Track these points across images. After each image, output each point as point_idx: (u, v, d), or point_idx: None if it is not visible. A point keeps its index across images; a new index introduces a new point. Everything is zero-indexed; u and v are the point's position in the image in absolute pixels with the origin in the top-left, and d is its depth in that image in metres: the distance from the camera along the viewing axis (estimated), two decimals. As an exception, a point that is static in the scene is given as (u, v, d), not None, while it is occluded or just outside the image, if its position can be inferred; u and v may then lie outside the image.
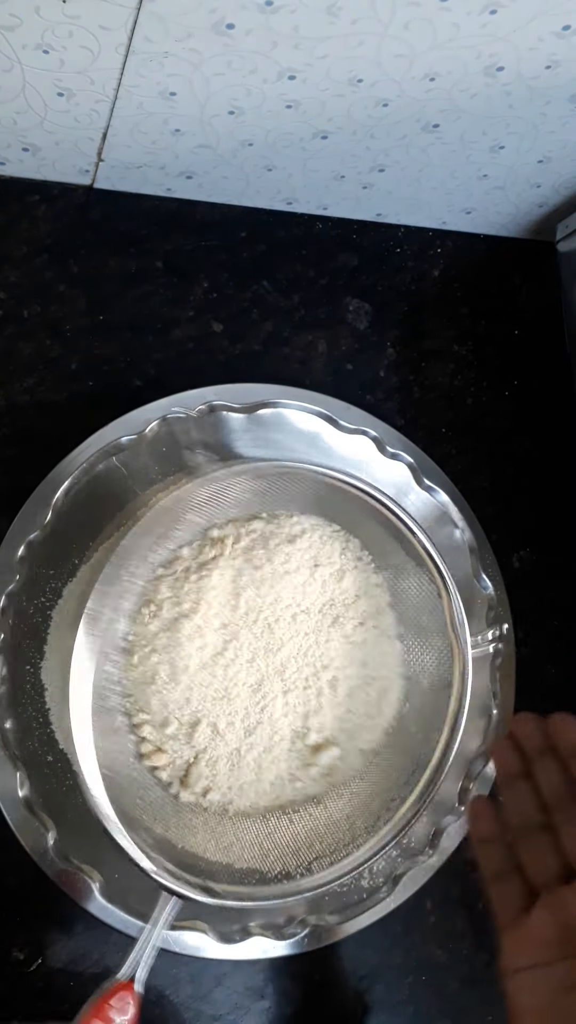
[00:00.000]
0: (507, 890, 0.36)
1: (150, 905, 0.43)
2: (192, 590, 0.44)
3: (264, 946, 0.45)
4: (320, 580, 0.46)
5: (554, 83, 0.44)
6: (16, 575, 0.45)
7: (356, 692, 0.46)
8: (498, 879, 0.36)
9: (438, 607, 0.42)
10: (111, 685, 0.43)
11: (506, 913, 0.35)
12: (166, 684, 0.43)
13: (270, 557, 0.45)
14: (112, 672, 0.43)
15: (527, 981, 0.33)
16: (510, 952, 0.34)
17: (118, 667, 0.43)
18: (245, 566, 0.45)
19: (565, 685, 0.55)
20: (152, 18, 0.39)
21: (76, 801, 0.44)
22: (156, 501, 0.40)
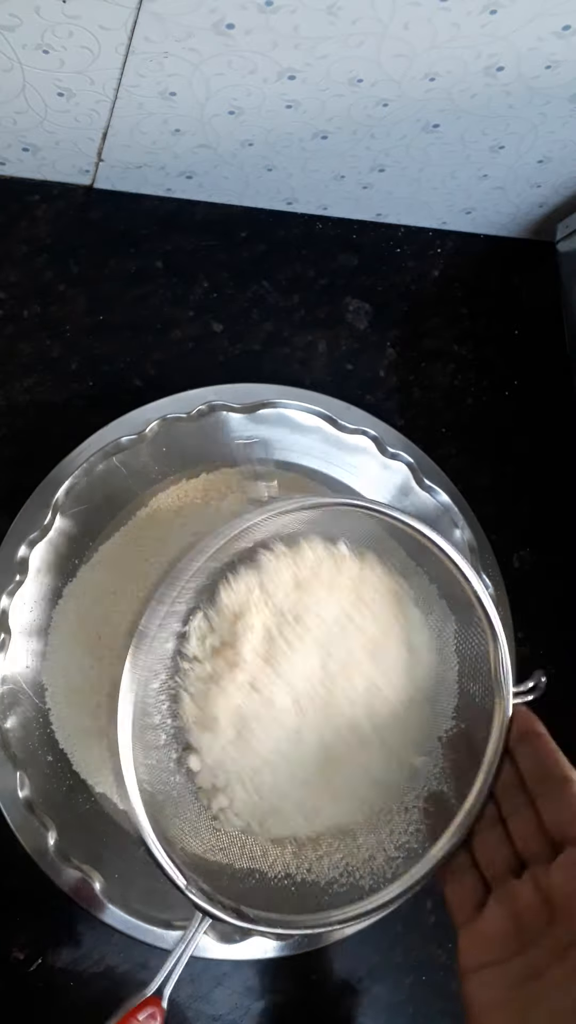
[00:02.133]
0: (460, 887, 0.36)
1: (150, 905, 0.44)
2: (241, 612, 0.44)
3: (264, 946, 0.45)
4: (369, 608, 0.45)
5: (554, 83, 0.44)
6: (16, 575, 0.45)
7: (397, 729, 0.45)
8: (452, 876, 0.36)
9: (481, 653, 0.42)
10: (157, 703, 0.43)
11: (460, 910, 0.35)
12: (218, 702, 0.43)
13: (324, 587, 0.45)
14: (158, 690, 0.43)
15: (484, 979, 0.33)
16: (466, 950, 0.34)
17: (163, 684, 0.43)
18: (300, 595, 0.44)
19: (565, 685, 0.55)
20: (152, 18, 0.39)
21: (76, 801, 0.44)
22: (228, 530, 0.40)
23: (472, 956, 0.33)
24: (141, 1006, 0.37)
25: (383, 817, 0.44)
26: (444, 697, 0.44)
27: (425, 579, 0.45)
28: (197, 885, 0.37)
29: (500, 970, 0.32)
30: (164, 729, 0.43)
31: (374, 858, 0.42)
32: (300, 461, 0.50)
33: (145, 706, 0.42)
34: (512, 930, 0.33)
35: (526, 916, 0.33)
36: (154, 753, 0.42)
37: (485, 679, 0.41)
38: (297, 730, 0.43)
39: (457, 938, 0.35)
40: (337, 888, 0.43)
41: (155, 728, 0.43)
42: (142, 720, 0.41)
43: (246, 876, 0.42)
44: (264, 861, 0.43)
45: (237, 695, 0.43)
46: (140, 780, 0.38)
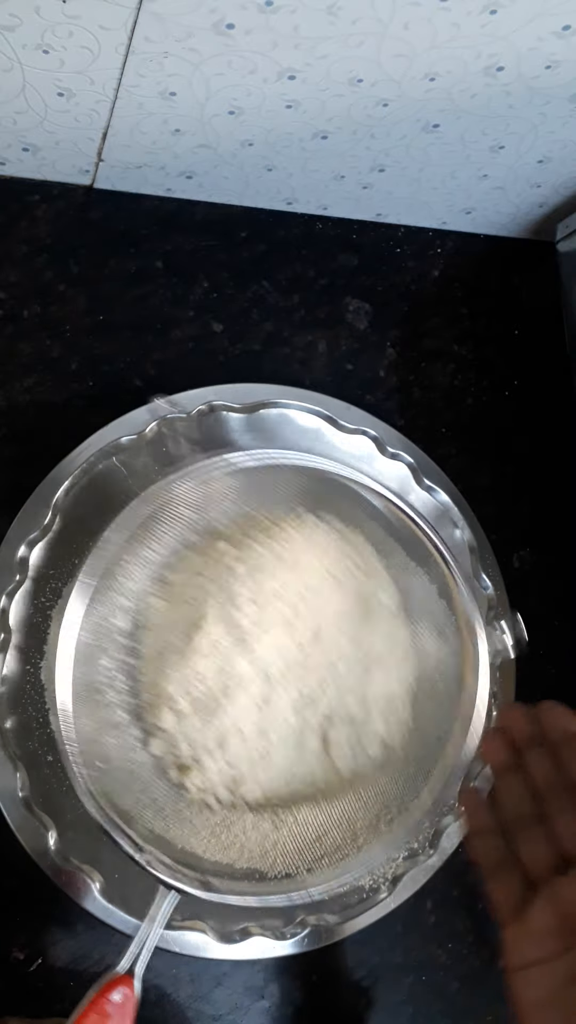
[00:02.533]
0: (505, 885, 0.35)
1: (150, 905, 0.43)
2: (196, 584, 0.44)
3: (264, 946, 0.45)
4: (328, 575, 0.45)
5: (554, 83, 0.44)
6: (16, 575, 0.45)
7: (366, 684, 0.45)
8: (495, 874, 0.36)
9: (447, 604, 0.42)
10: (111, 680, 0.42)
11: (506, 909, 0.35)
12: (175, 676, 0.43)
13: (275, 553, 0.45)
14: (110, 666, 0.43)
15: (531, 977, 0.32)
16: (512, 949, 0.34)
17: (118, 661, 0.43)
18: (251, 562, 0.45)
19: (565, 685, 0.55)
20: (152, 18, 0.39)
21: (76, 801, 0.44)
22: (144, 495, 0.40)
23: (518, 954, 0.33)
24: (112, 985, 0.36)
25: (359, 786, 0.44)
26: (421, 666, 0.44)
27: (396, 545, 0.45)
28: (158, 859, 0.37)
29: (547, 968, 0.32)
30: (122, 707, 0.43)
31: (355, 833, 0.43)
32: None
33: (94, 683, 0.41)
34: (559, 928, 0.33)
35: (573, 915, 0.33)
36: (112, 731, 0.42)
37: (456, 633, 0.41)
38: (264, 698, 0.43)
39: (502, 936, 0.34)
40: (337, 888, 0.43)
41: (111, 706, 0.42)
42: (94, 698, 0.41)
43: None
44: (264, 861, 0.43)
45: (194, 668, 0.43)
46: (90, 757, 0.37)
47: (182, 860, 0.40)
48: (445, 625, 0.43)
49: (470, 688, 0.39)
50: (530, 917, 0.34)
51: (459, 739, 0.39)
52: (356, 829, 0.43)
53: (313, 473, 0.42)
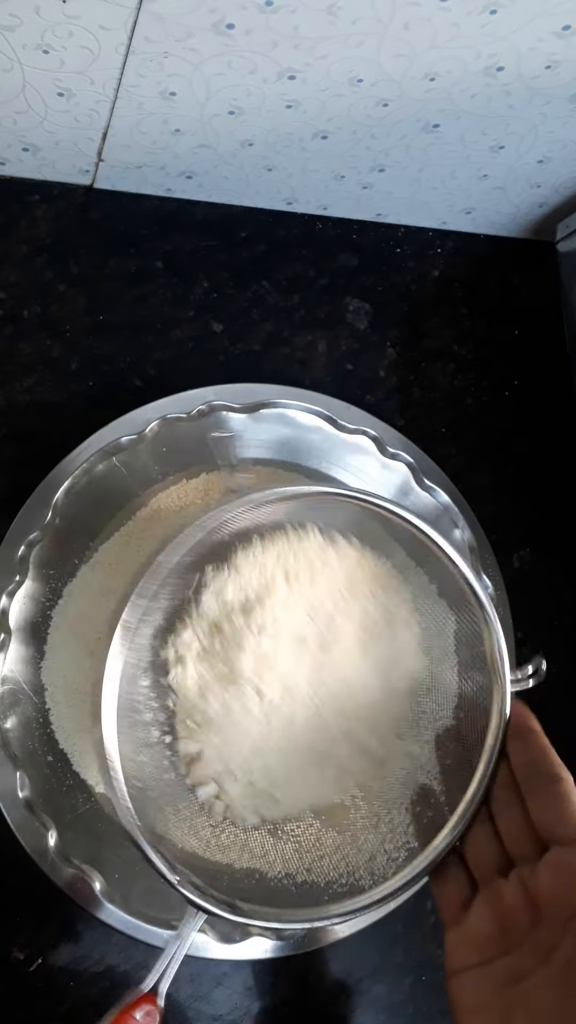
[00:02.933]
0: (449, 886, 0.35)
1: (150, 905, 0.44)
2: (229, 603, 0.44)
3: (264, 946, 0.45)
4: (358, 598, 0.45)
5: (554, 83, 0.44)
6: (16, 575, 0.45)
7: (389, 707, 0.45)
8: (440, 875, 0.36)
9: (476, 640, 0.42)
10: (146, 700, 0.43)
11: (448, 911, 0.35)
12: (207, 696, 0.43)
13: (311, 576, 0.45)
14: (147, 686, 0.43)
15: (469, 981, 0.32)
16: (451, 952, 0.33)
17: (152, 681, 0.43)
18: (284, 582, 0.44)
19: (565, 685, 0.55)
20: (152, 18, 0.39)
21: (76, 801, 0.44)
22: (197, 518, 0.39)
23: (458, 957, 0.33)
24: (137, 1003, 0.36)
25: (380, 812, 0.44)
26: (442, 695, 0.44)
27: (425, 578, 0.46)
28: (189, 880, 0.37)
29: (485, 972, 0.32)
30: (156, 726, 0.43)
31: (374, 858, 0.42)
32: (300, 461, 0.50)
33: (133, 703, 0.41)
34: (497, 931, 0.33)
35: (511, 917, 0.32)
36: (146, 751, 0.42)
37: (483, 671, 0.41)
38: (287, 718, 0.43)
39: (445, 938, 0.34)
40: (337, 888, 0.43)
41: (146, 725, 0.42)
42: (131, 716, 0.41)
43: (246, 876, 0.42)
44: (264, 860, 0.43)
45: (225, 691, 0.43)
46: (128, 776, 0.37)
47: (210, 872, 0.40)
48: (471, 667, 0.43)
49: (494, 729, 0.39)
50: (470, 920, 0.33)
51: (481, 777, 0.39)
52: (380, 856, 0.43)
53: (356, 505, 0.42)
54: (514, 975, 0.31)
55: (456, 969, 0.33)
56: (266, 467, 0.49)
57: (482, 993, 0.32)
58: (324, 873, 0.42)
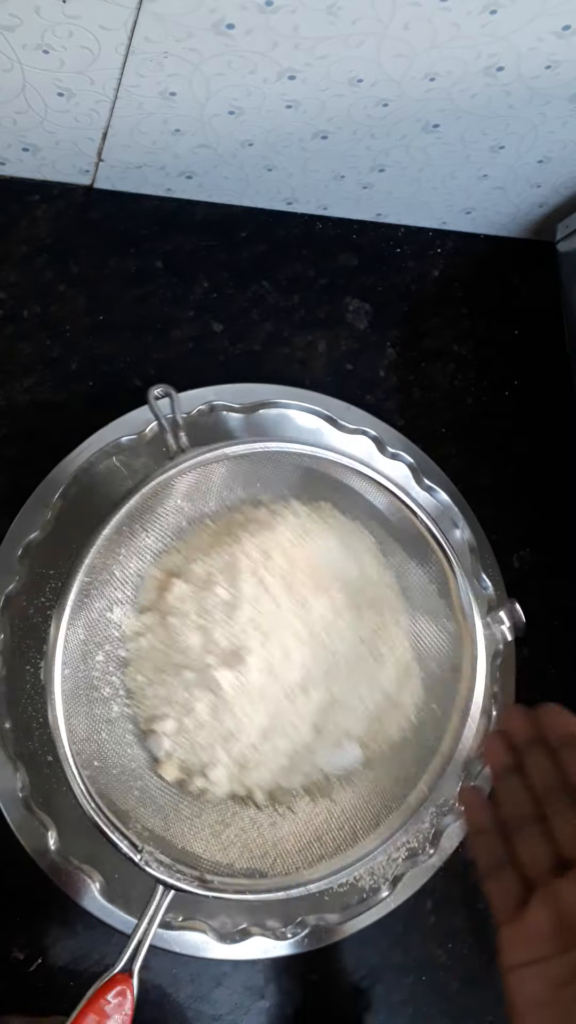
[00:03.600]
0: (503, 885, 0.36)
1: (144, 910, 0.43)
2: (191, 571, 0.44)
3: (264, 946, 0.45)
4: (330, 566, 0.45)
5: (554, 83, 0.44)
6: (16, 575, 0.45)
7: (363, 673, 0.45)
8: (494, 873, 0.36)
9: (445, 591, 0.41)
10: (105, 675, 0.42)
11: (503, 908, 0.35)
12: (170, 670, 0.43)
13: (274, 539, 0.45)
14: (104, 661, 0.43)
15: (526, 977, 0.33)
16: (508, 948, 0.34)
17: (113, 657, 0.43)
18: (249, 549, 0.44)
19: (565, 685, 0.55)
20: (152, 18, 0.39)
21: (76, 801, 0.44)
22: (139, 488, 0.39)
23: (514, 953, 0.34)
24: (110, 984, 0.36)
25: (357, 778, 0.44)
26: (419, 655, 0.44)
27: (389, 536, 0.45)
28: (155, 857, 0.37)
29: (543, 968, 0.32)
30: (115, 700, 0.43)
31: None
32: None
33: (90, 679, 0.41)
34: (555, 929, 0.33)
35: (570, 916, 0.33)
36: (106, 727, 0.41)
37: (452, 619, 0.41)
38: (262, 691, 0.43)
39: (498, 935, 0.35)
40: (337, 888, 0.43)
41: (105, 700, 0.42)
42: (88, 694, 0.41)
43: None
44: (264, 861, 0.43)
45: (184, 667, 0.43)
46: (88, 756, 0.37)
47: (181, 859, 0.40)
48: (443, 616, 0.43)
49: (467, 677, 0.39)
50: (527, 917, 0.34)
51: (457, 730, 0.38)
52: (355, 826, 0.43)
53: (312, 462, 0.42)
54: (572, 972, 0.32)
55: (513, 964, 0.33)
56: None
57: (541, 989, 0.32)
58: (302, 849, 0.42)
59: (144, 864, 0.36)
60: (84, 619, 0.39)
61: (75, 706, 0.38)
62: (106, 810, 0.37)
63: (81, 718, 0.39)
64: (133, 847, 0.37)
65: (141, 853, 0.37)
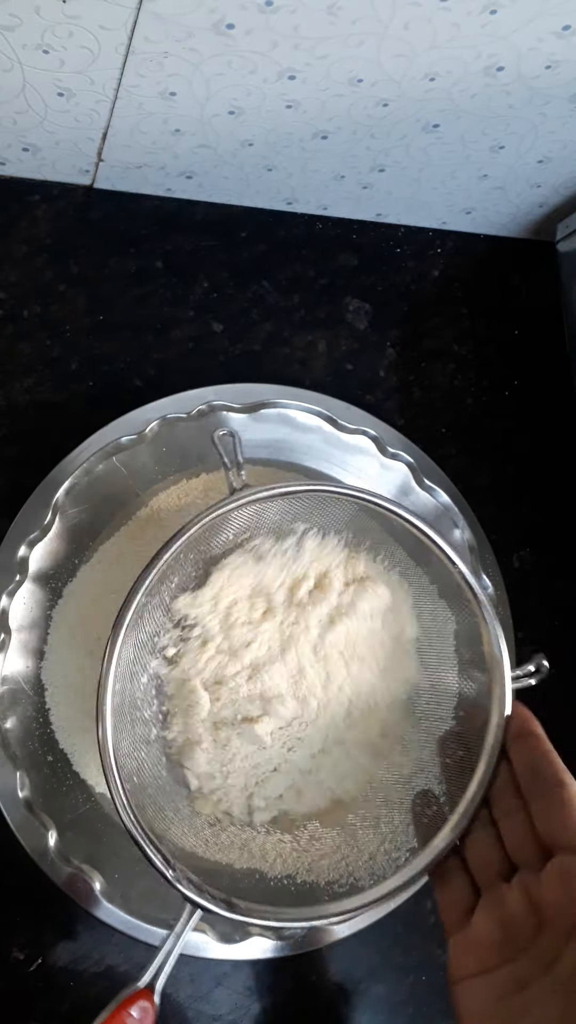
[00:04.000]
0: (452, 893, 0.35)
1: (150, 905, 0.44)
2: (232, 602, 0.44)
3: (264, 946, 0.45)
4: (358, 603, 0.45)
5: (554, 83, 0.44)
6: (16, 575, 0.45)
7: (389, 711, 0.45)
8: (442, 880, 0.36)
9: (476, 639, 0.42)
10: (147, 698, 0.43)
11: (450, 917, 0.34)
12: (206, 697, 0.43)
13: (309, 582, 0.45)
14: (147, 684, 0.43)
15: (472, 988, 0.32)
16: (455, 960, 0.33)
17: (154, 680, 0.43)
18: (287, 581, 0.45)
19: (565, 685, 0.55)
20: (152, 18, 0.39)
21: (76, 801, 0.44)
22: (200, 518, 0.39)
23: (461, 965, 0.33)
24: (132, 999, 0.36)
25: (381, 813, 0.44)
26: (443, 697, 0.44)
27: (425, 579, 0.46)
28: (186, 876, 0.37)
29: (488, 979, 0.32)
30: (155, 723, 0.43)
31: (374, 859, 0.42)
32: (300, 461, 0.50)
33: (134, 699, 0.41)
34: (500, 939, 0.32)
35: (515, 924, 0.32)
36: (144, 747, 0.42)
37: (483, 669, 0.41)
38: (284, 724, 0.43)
39: (448, 945, 0.34)
40: (337, 888, 0.43)
41: (145, 722, 0.42)
42: (131, 713, 0.41)
43: (246, 876, 0.43)
44: (263, 860, 0.43)
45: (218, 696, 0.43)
46: (127, 773, 0.37)
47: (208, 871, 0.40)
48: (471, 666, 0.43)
49: (494, 726, 0.39)
50: (473, 927, 0.33)
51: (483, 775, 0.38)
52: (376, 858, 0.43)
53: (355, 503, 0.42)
54: (518, 983, 0.31)
55: (460, 976, 0.33)
56: (266, 467, 0.50)
57: (486, 1001, 0.31)
58: (324, 873, 0.42)
59: (176, 881, 0.37)
60: (134, 638, 0.40)
61: (120, 721, 0.38)
62: (144, 825, 0.37)
63: (124, 735, 0.39)
64: (167, 863, 0.37)
65: (175, 871, 0.37)
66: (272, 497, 0.41)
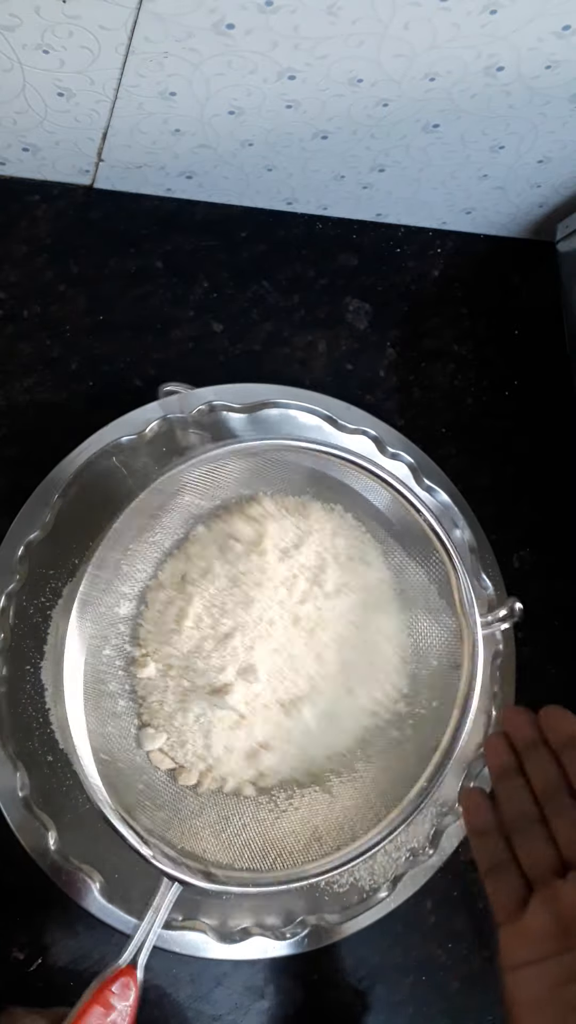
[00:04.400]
0: (503, 885, 0.36)
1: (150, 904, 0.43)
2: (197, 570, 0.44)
3: (264, 946, 0.45)
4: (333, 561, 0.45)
5: (554, 83, 0.44)
6: (16, 575, 0.45)
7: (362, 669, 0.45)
8: (494, 873, 0.36)
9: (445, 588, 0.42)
10: (112, 670, 0.42)
11: (503, 908, 0.35)
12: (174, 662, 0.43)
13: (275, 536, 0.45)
14: (112, 656, 0.43)
15: (525, 977, 0.33)
16: (507, 948, 0.34)
17: (120, 651, 0.43)
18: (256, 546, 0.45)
19: (565, 685, 0.55)
20: (152, 18, 0.39)
21: (76, 801, 0.44)
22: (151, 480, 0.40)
23: (513, 953, 0.34)
24: (114, 977, 0.37)
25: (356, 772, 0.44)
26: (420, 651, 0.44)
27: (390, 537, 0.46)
28: (162, 851, 0.37)
29: (541, 969, 0.33)
30: (122, 695, 0.43)
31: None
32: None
33: (99, 673, 0.41)
34: (554, 930, 0.33)
35: (569, 917, 0.33)
36: (113, 721, 0.42)
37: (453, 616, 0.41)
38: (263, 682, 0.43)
39: (498, 935, 0.35)
40: (337, 888, 0.43)
41: (112, 695, 0.42)
42: (97, 687, 0.41)
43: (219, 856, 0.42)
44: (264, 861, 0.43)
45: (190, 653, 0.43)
46: (96, 749, 0.38)
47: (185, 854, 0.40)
48: (444, 614, 0.43)
49: (467, 672, 0.39)
50: (526, 918, 0.34)
51: (457, 725, 0.39)
52: (355, 825, 0.43)
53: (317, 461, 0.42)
54: (571, 973, 0.32)
55: (512, 964, 0.33)
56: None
57: (539, 989, 0.32)
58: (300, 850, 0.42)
59: (151, 858, 0.37)
60: (92, 612, 0.40)
61: (84, 698, 0.38)
62: (114, 802, 0.37)
63: (89, 711, 0.39)
64: (141, 840, 0.37)
65: (149, 847, 0.37)
66: (223, 456, 0.41)
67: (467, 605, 0.40)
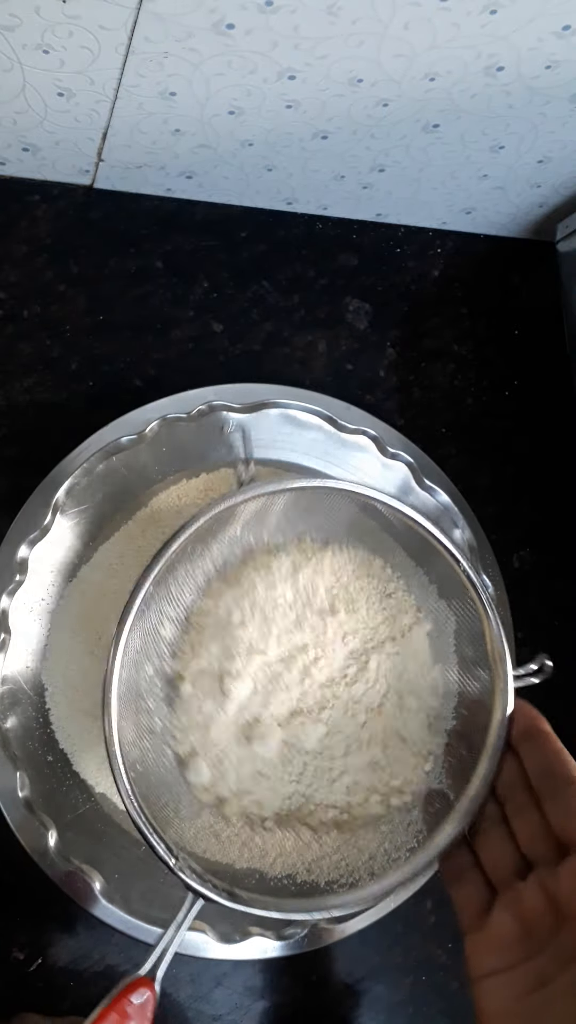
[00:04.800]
0: (467, 890, 0.35)
1: (150, 905, 0.44)
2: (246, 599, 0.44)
3: (264, 946, 0.45)
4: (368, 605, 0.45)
5: (554, 83, 0.44)
6: (16, 575, 0.45)
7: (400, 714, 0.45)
8: (458, 879, 0.36)
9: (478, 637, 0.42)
10: (152, 688, 0.42)
11: (467, 916, 0.34)
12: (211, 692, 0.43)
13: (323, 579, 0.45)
14: (153, 675, 0.43)
15: (493, 986, 0.32)
16: (474, 957, 0.33)
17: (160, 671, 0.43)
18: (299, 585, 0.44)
19: (565, 685, 0.55)
20: (152, 18, 0.39)
21: (76, 801, 0.44)
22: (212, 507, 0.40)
23: (480, 963, 0.33)
24: (133, 987, 0.36)
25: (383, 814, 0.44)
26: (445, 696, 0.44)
27: (425, 578, 0.46)
28: (188, 865, 0.37)
29: (508, 977, 0.32)
30: (159, 715, 0.43)
31: (374, 859, 0.42)
32: (300, 461, 0.50)
33: (138, 688, 0.41)
34: (519, 936, 0.32)
35: (533, 921, 0.32)
36: (149, 738, 0.42)
37: (485, 667, 0.41)
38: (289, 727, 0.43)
39: (464, 944, 0.34)
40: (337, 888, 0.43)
41: (149, 712, 0.42)
42: (136, 702, 0.41)
43: (246, 876, 0.42)
44: (263, 860, 0.43)
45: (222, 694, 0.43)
46: (131, 761, 0.37)
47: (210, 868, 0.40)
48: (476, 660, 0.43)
49: (496, 721, 0.39)
50: (491, 925, 0.33)
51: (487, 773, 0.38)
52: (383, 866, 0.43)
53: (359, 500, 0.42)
54: (538, 980, 0.31)
55: (479, 974, 0.33)
56: (265, 467, 0.50)
57: (506, 999, 0.31)
58: (324, 874, 0.42)
59: (179, 870, 0.37)
60: (141, 628, 0.40)
61: (124, 710, 0.38)
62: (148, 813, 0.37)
63: (129, 723, 0.39)
64: (170, 852, 0.37)
65: (177, 859, 0.37)
66: (280, 492, 0.41)
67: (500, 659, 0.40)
